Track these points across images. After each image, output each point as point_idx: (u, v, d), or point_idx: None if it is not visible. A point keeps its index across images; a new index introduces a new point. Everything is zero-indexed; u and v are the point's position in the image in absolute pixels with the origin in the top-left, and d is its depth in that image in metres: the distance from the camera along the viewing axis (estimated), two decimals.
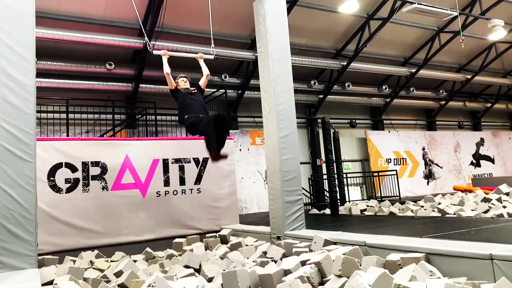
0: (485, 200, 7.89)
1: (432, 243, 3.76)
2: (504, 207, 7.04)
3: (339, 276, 3.32)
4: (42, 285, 3.74)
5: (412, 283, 2.78)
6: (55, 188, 6.37)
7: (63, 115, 8.85)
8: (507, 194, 8.36)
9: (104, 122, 9.97)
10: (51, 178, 6.36)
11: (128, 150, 6.98)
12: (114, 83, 10.66)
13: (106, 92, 10.58)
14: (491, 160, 18.12)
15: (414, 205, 8.92)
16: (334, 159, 9.70)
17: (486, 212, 6.88)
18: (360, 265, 3.59)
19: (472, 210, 7.11)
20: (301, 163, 6.36)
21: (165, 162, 7.28)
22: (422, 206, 8.53)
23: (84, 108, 9.40)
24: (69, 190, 6.46)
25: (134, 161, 6.97)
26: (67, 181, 6.46)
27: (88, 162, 6.65)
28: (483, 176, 17.05)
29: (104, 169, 6.74)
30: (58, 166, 6.45)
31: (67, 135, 8.98)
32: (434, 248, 3.53)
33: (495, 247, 3.20)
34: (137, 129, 10.86)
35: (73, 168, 6.54)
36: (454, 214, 7.02)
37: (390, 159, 15.19)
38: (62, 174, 6.44)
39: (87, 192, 6.56)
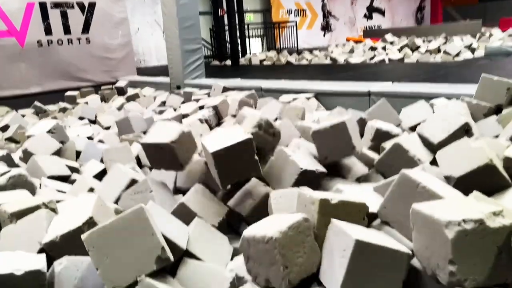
0: (372, 48, 8.53)
1: (321, 84, 4.06)
2: (387, 54, 7.72)
3: (234, 116, 3.50)
4: None
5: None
6: None
7: None
8: (391, 43, 9.08)
9: None
10: None
11: None
12: None
13: None
14: (382, 13, 19.09)
15: (310, 54, 9.33)
16: (236, 8, 9.32)
17: (371, 59, 7.52)
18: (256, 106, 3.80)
19: (360, 58, 7.69)
20: (201, 12, 5.99)
21: (43, 7, 6.33)
22: (317, 56, 8.97)
23: None
24: None
25: (2, 4, 5.93)
26: None
27: None
28: (373, 28, 18.10)
29: None
30: None
31: None
32: (322, 88, 3.84)
33: (373, 85, 3.58)
34: None
35: None
36: (344, 61, 7.54)
37: (291, 10, 15.12)
38: None
39: None
